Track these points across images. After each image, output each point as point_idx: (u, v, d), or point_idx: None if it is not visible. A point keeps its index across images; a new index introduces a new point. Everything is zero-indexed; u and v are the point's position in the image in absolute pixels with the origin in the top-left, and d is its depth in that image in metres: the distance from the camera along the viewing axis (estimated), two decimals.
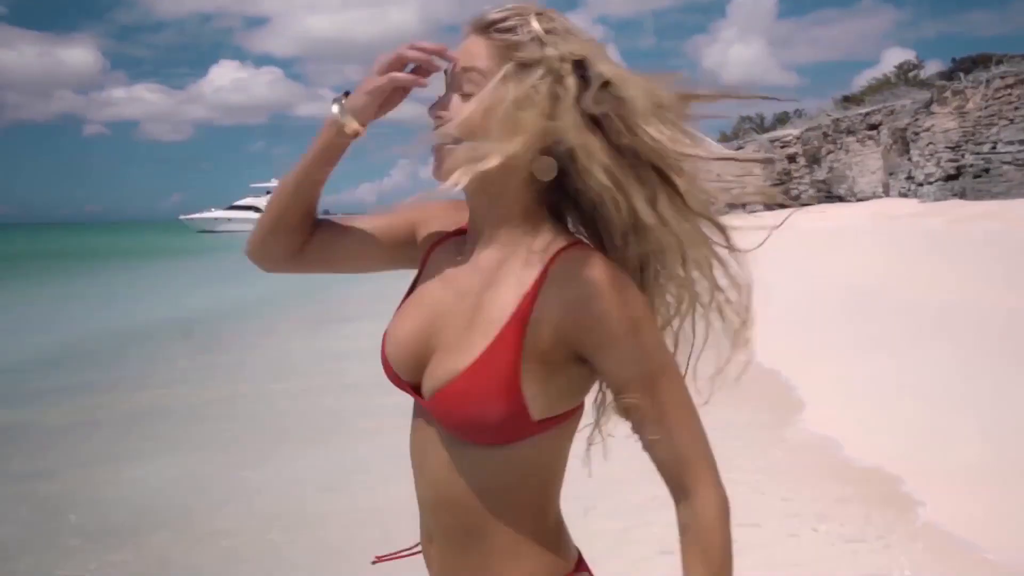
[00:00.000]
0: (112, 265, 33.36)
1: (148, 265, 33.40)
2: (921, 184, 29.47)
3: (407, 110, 1.12)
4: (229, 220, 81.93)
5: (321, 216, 1.21)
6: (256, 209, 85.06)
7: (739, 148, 27.28)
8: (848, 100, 42.74)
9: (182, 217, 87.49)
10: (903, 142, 31.70)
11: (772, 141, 40.00)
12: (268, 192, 78.13)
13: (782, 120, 49.25)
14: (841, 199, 36.52)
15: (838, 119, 37.48)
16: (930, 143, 28.78)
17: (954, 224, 21.00)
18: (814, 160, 38.72)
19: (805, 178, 39.65)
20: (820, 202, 38.03)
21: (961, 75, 29.88)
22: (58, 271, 29.87)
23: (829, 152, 37.56)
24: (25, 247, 57.33)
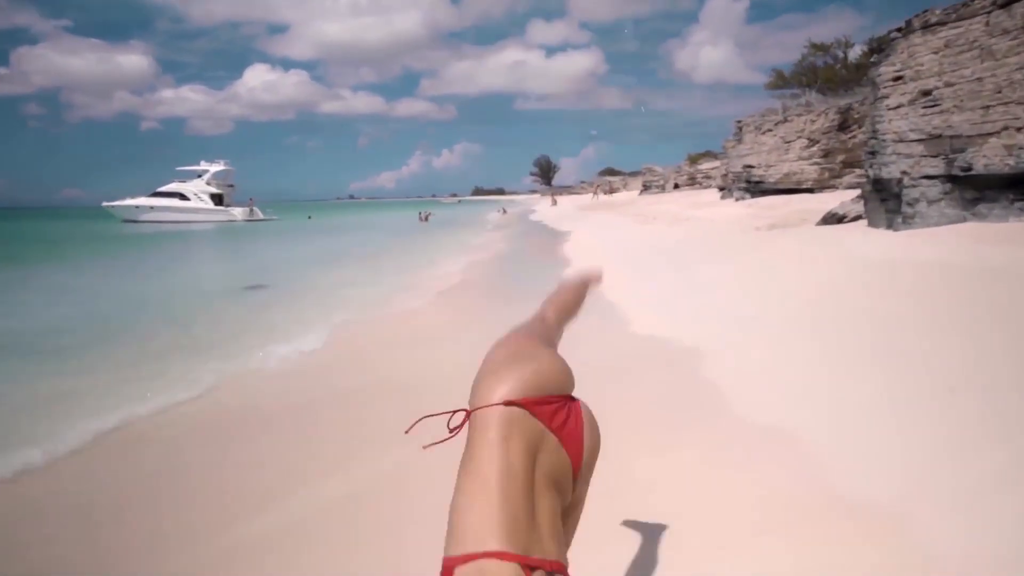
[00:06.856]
0: None
1: None
2: None
3: (419, 107, 0.34)
4: (151, 209, 72.79)
5: (347, 200, 1.13)
6: (181, 196, 74.78)
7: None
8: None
9: (105, 204, 76.86)
10: None
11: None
12: (199, 176, 68.09)
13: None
14: None
15: None
16: None
17: None
18: None
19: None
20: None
21: None
22: None
23: None
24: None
